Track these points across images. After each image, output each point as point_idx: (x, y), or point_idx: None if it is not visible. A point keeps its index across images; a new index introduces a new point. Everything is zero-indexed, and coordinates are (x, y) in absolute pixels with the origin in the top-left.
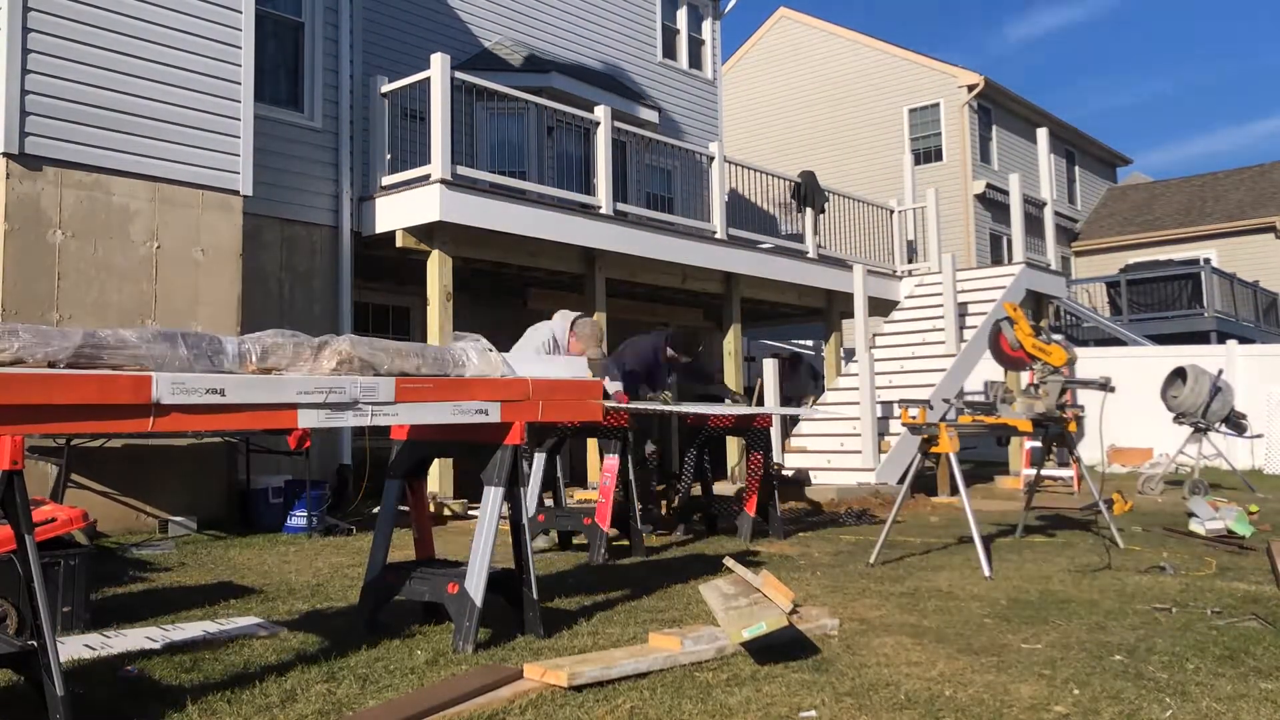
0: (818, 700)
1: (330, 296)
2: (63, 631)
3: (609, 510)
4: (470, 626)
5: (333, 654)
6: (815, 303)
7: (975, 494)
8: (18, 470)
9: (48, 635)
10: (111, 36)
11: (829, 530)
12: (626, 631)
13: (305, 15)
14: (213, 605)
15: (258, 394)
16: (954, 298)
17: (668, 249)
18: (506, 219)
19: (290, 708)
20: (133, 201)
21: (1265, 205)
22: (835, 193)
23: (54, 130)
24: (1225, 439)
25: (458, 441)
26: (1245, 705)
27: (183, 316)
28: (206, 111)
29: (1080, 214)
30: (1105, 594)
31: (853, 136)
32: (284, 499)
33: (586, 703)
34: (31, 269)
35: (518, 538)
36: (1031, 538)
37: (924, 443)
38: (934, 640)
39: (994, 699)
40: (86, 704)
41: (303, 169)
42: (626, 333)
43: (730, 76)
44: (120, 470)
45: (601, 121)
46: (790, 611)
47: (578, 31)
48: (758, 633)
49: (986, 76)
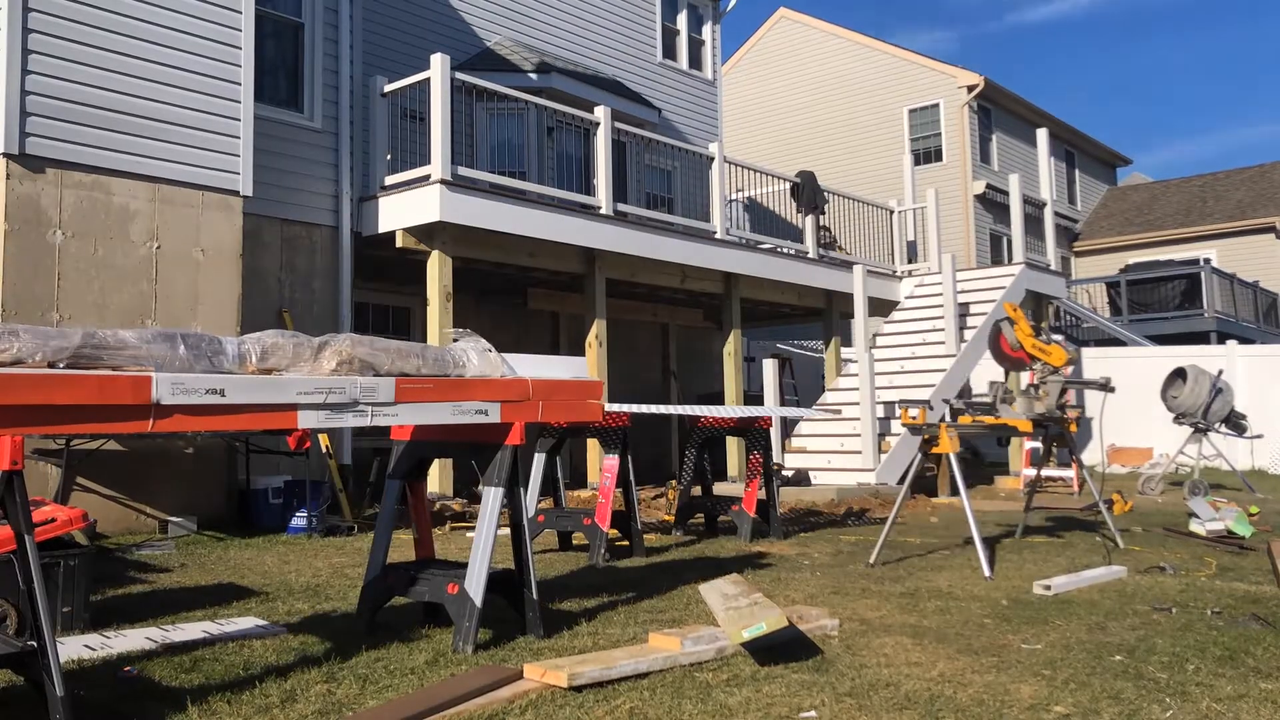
0: (818, 700)
1: (330, 296)
2: (63, 631)
3: (609, 510)
4: (470, 627)
5: (333, 654)
6: (815, 303)
7: (975, 494)
8: (18, 470)
9: (48, 635)
10: (111, 36)
11: (829, 530)
12: (626, 632)
13: (305, 15)
14: (213, 606)
15: (257, 394)
16: (954, 298)
17: (667, 249)
18: (506, 219)
19: (290, 708)
20: (133, 201)
21: (1265, 205)
22: (835, 193)
23: (54, 130)
24: (1225, 439)
25: (458, 442)
26: (1245, 705)
27: (183, 316)
28: (206, 111)
29: (1080, 214)
30: (1105, 594)
31: (853, 137)
32: (284, 499)
33: (586, 703)
34: (31, 269)
35: (518, 538)
36: (1032, 538)
37: (924, 443)
38: (934, 640)
39: (994, 699)
40: (86, 704)
41: (303, 169)
42: (626, 333)
43: (730, 77)
44: (120, 471)
45: (601, 122)
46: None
47: (578, 32)
48: (758, 633)
49: (986, 76)
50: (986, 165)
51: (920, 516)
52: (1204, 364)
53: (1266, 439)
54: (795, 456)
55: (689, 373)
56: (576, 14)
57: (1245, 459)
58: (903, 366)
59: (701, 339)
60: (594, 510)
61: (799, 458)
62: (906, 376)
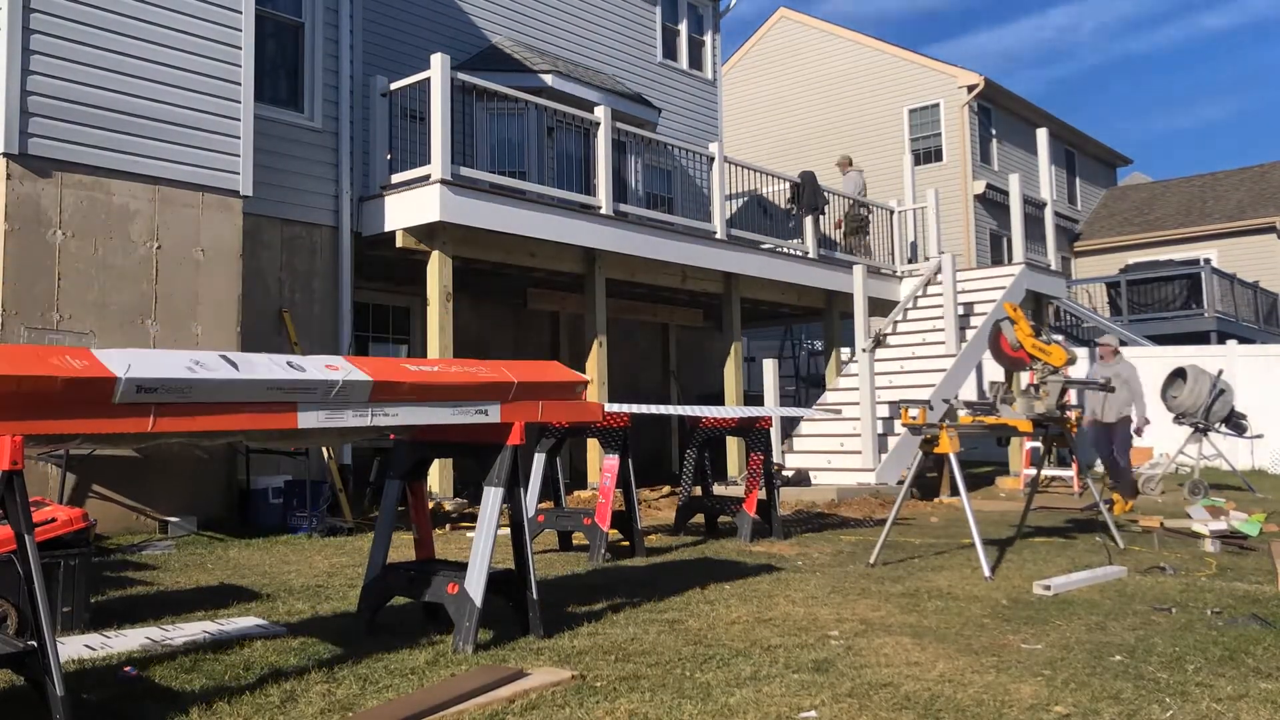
0: (818, 700)
1: (330, 297)
2: (63, 631)
3: (609, 510)
4: (470, 627)
5: (333, 654)
6: (815, 303)
7: (976, 494)
8: (18, 470)
9: (48, 635)
10: (112, 36)
11: (829, 530)
12: (626, 631)
13: (305, 15)
14: (213, 606)
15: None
16: (954, 298)
17: (668, 249)
18: (507, 219)
19: (290, 708)
20: (133, 201)
21: (1265, 205)
22: (835, 193)
23: (54, 130)
24: (1225, 439)
25: (458, 442)
26: (1245, 705)
27: (183, 317)
28: (206, 112)
29: (1080, 214)
30: (1105, 594)
31: (853, 137)
32: (284, 499)
33: (587, 702)
34: (32, 269)
35: (518, 538)
36: (1032, 538)
37: (925, 443)
38: (934, 640)
39: (994, 699)
40: (86, 704)
41: (303, 169)
42: (626, 333)
43: (730, 76)
44: (120, 471)
45: (602, 122)
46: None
47: (578, 32)
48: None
49: (986, 76)
50: (987, 165)
51: (921, 516)
52: (1204, 364)
53: (1266, 439)
54: (795, 456)
55: (689, 373)
56: (577, 14)
57: (1245, 459)
58: (903, 366)
59: (701, 339)
60: (594, 510)
61: (799, 457)
62: (907, 376)
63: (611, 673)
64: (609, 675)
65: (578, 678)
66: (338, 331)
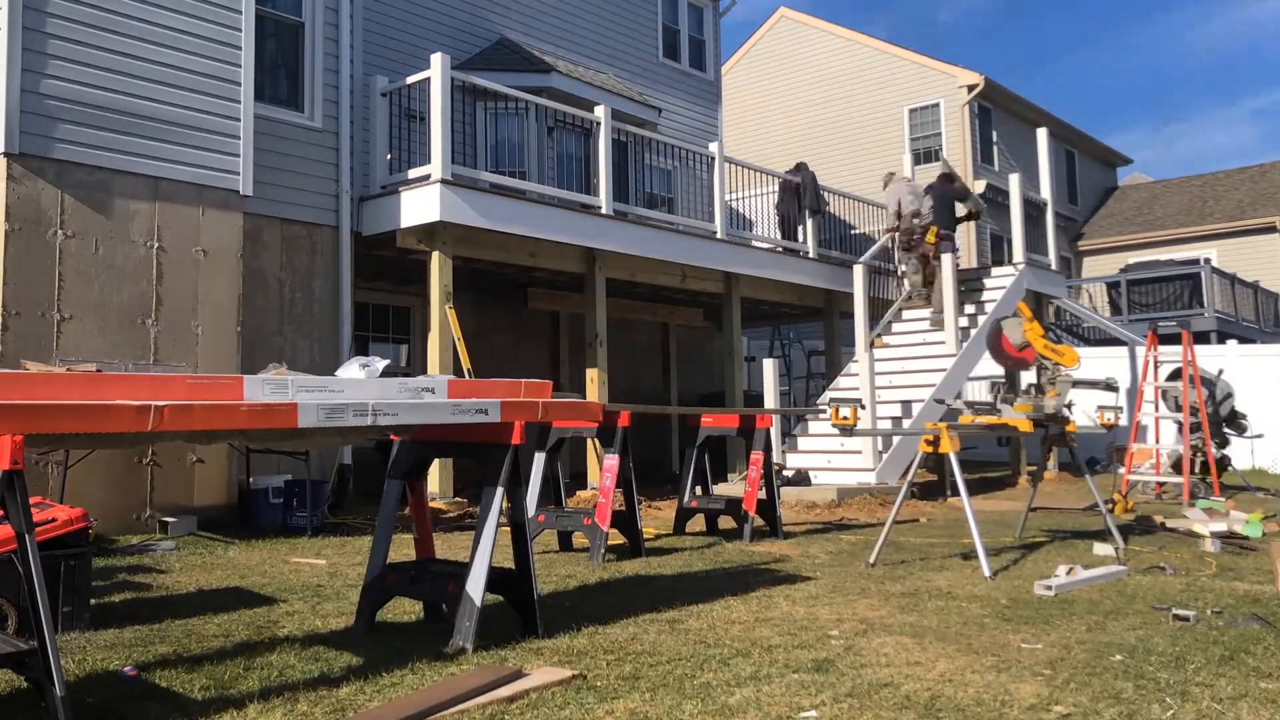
0: (818, 700)
1: (330, 296)
2: (63, 631)
3: (609, 510)
4: (470, 626)
5: (333, 654)
6: (815, 302)
7: (976, 494)
8: (18, 470)
9: (48, 635)
10: (112, 36)
11: (829, 530)
12: (627, 631)
13: (305, 15)
14: (213, 606)
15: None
16: (955, 298)
17: (668, 249)
18: (507, 219)
19: (291, 708)
20: (133, 201)
21: (1265, 205)
22: (835, 192)
23: (55, 130)
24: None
25: (458, 442)
26: (1245, 705)
27: (183, 316)
28: (206, 111)
29: (1081, 214)
30: (1105, 594)
31: (853, 136)
32: (284, 499)
33: (587, 702)
34: (32, 269)
35: (518, 538)
36: (1032, 538)
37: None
38: (934, 640)
39: (994, 699)
40: (86, 704)
41: (303, 169)
42: (626, 333)
43: (730, 76)
44: (120, 470)
45: (602, 121)
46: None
47: (578, 31)
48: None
49: (986, 76)
50: (987, 165)
51: (921, 516)
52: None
53: (1266, 439)
54: (796, 456)
55: (689, 373)
56: (577, 13)
57: (1245, 458)
58: (904, 366)
59: (701, 339)
60: (594, 510)
61: (799, 457)
62: (907, 376)
63: (612, 672)
64: (609, 675)
65: (578, 677)
66: (338, 331)
